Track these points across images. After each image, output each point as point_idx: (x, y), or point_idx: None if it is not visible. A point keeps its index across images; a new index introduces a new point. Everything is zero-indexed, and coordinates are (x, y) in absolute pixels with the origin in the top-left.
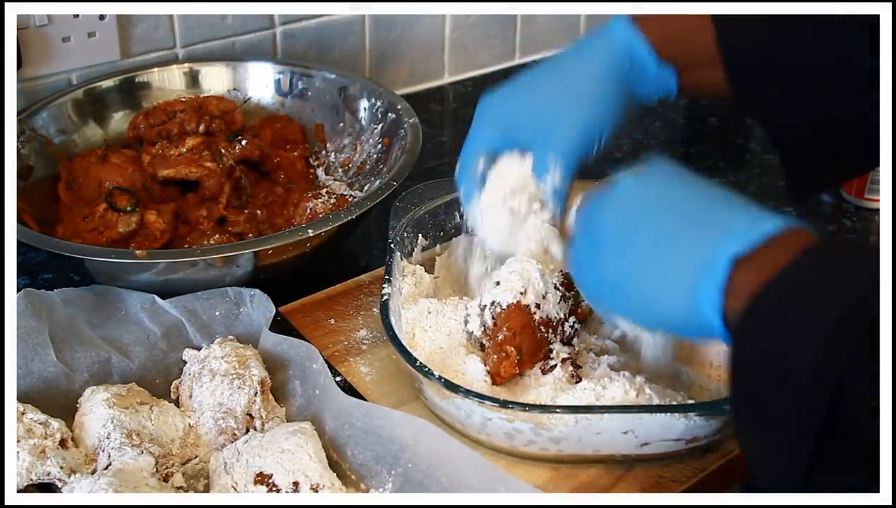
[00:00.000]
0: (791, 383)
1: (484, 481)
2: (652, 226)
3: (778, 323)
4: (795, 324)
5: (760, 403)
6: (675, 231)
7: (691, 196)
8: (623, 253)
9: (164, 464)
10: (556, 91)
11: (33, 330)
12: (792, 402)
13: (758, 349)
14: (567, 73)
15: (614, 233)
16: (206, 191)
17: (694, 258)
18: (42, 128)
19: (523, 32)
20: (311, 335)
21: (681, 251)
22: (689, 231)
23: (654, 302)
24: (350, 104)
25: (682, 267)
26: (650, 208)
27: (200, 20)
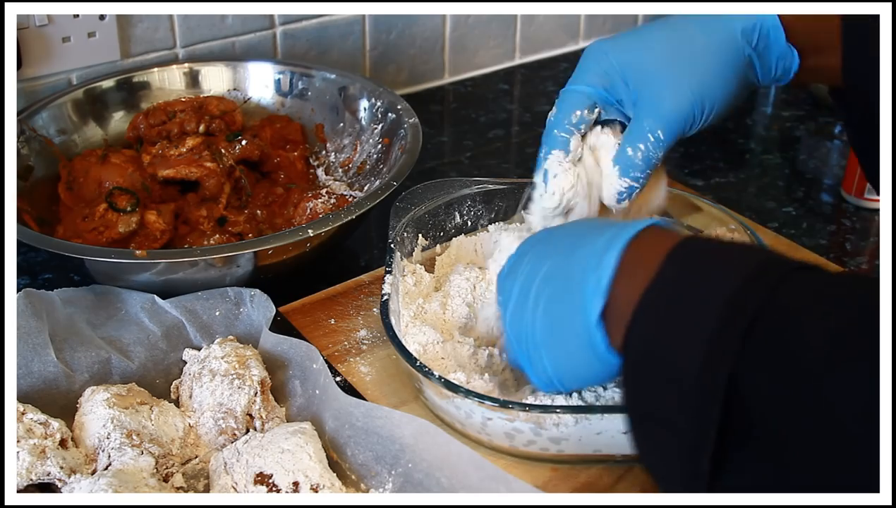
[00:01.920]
0: (681, 390)
1: (484, 481)
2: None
3: (656, 336)
4: (673, 334)
5: (654, 416)
6: (549, 315)
7: (555, 255)
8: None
9: (164, 464)
10: (675, 53)
11: (33, 330)
12: (685, 410)
13: (644, 363)
14: (688, 35)
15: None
16: (206, 191)
17: (578, 328)
18: (42, 128)
19: (523, 32)
20: (311, 335)
21: (560, 326)
22: (560, 307)
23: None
24: (350, 104)
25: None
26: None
27: (200, 20)
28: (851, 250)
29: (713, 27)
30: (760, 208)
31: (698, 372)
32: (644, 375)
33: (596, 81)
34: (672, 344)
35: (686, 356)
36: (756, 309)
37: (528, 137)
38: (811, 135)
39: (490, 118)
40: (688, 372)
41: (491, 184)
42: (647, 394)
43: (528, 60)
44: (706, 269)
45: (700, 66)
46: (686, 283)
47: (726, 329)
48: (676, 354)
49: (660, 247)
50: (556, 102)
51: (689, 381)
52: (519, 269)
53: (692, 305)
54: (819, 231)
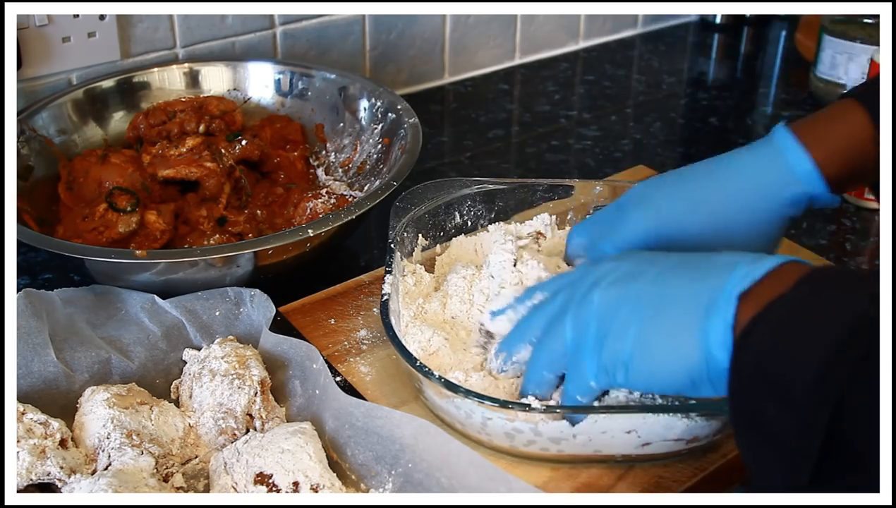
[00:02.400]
0: (791, 402)
1: (484, 481)
2: (646, 291)
3: (777, 342)
4: (795, 343)
5: (761, 422)
6: (671, 290)
7: (677, 258)
8: (623, 330)
9: (164, 464)
10: (714, 210)
11: (33, 330)
12: (792, 421)
13: (757, 368)
14: (731, 206)
15: (609, 314)
16: (206, 191)
17: (699, 304)
18: (42, 128)
19: (523, 32)
20: (311, 335)
21: (684, 303)
22: (690, 285)
23: (663, 364)
24: (350, 104)
25: (687, 319)
26: (638, 276)
27: (200, 20)
28: (851, 250)
29: (757, 204)
30: None
31: (813, 383)
32: (754, 379)
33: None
34: (789, 352)
35: (802, 366)
36: (874, 335)
37: (528, 137)
38: None
39: (490, 118)
40: (801, 382)
41: (491, 184)
42: (755, 400)
43: (528, 60)
44: (835, 290)
45: (743, 235)
46: (813, 301)
47: (845, 346)
48: (792, 363)
49: (794, 272)
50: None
51: (802, 391)
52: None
53: (816, 319)
54: (819, 231)
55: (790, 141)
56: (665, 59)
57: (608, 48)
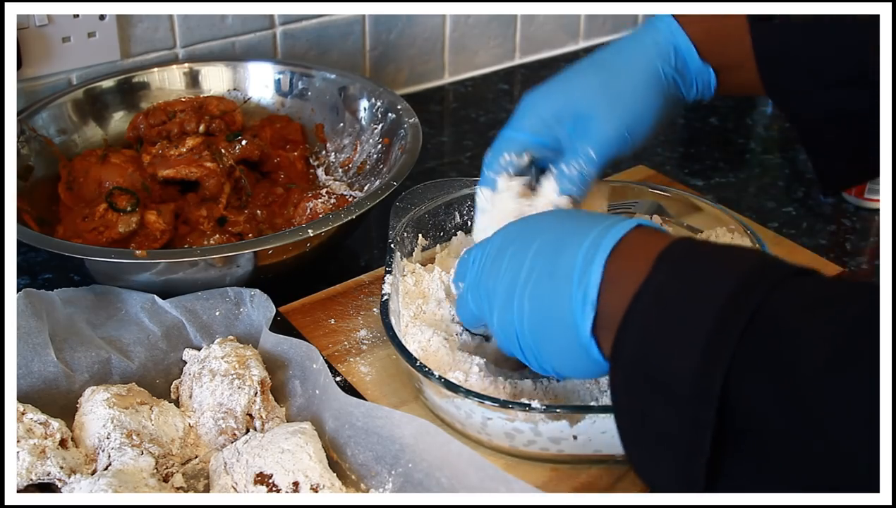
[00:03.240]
0: (675, 399)
1: (484, 481)
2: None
3: (650, 342)
4: (667, 340)
5: (648, 422)
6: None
7: (536, 256)
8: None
9: (164, 464)
10: (597, 88)
11: (33, 330)
12: (679, 418)
13: (635, 370)
14: (609, 69)
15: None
16: (206, 191)
17: (564, 312)
18: (42, 128)
19: (523, 32)
20: (311, 335)
21: (551, 324)
22: (550, 305)
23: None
24: (350, 104)
25: (552, 318)
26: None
27: (200, 20)
28: (851, 250)
29: (631, 55)
30: (760, 208)
31: (692, 378)
32: (634, 381)
33: (528, 126)
34: (664, 349)
35: (679, 361)
36: (751, 313)
37: None
38: None
39: (490, 118)
40: (681, 378)
41: None
42: (639, 401)
43: (528, 60)
44: (698, 272)
45: (624, 94)
46: (677, 287)
47: (720, 333)
48: (669, 359)
49: (648, 249)
50: (492, 144)
51: (683, 387)
52: (500, 267)
53: (684, 309)
54: (819, 231)
55: (664, 16)
56: None
57: None
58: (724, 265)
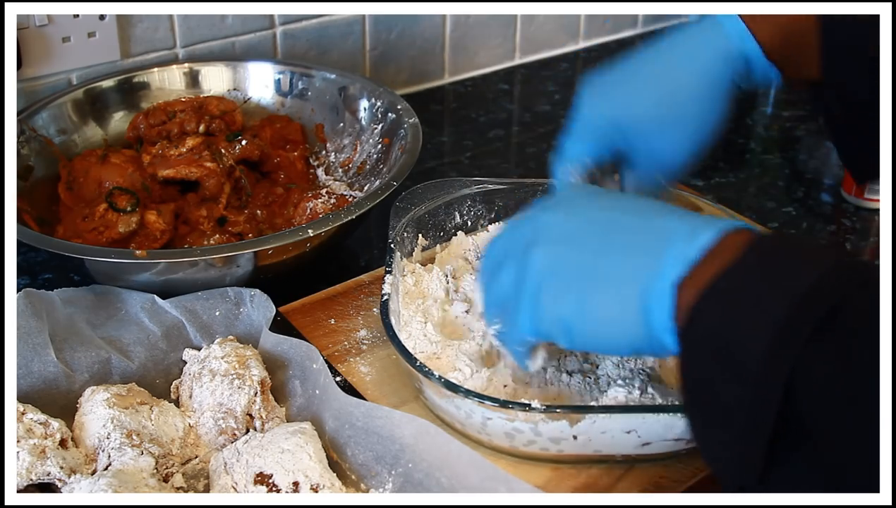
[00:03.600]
0: (743, 377)
1: (484, 481)
2: (587, 261)
3: (725, 317)
4: (743, 317)
5: (712, 400)
6: (611, 264)
7: (619, 219)
8: (563, 293)
9: (164, 464)
10: (666, 98)
11: (33, 330)
12: (744, 395)
13: (706, 345)
14: (677, 76)
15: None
16: (206, 191)
17: (638, 288)
18: (42, 128)
19: (523, 32)
20: (311, 335)
21: (622, 283)
22: (627, 261)
23: (605, 336)
24: (350, 104)
25: (627, 299)
26: (580, 241)
27: (200, 20)
28: (851, 250)
29: (700, 65)
30: (760, 208)
31: (763, 357)
32: (705, 355)
33: (589, 139)
34: (740, 326)
35: (752, 339)
36: (831, 306)
37: (528, 137)
38: (811, 135)
39: (490, 118)
40: (752, 355)
41: (491, 184)
42: (708, 374)
43: (528, 60)
44: (785, 262)
45: (693, 111)
46: (762, 271)
47: (797, 319)
48: (743, 336)
49: (744, 239)
50: (556, 158)
51: (753, 364)
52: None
53: (765, 292)
54: (819, 231)
55: (730, 16)
56: None
57: (608, 48)
58: (811, 257)
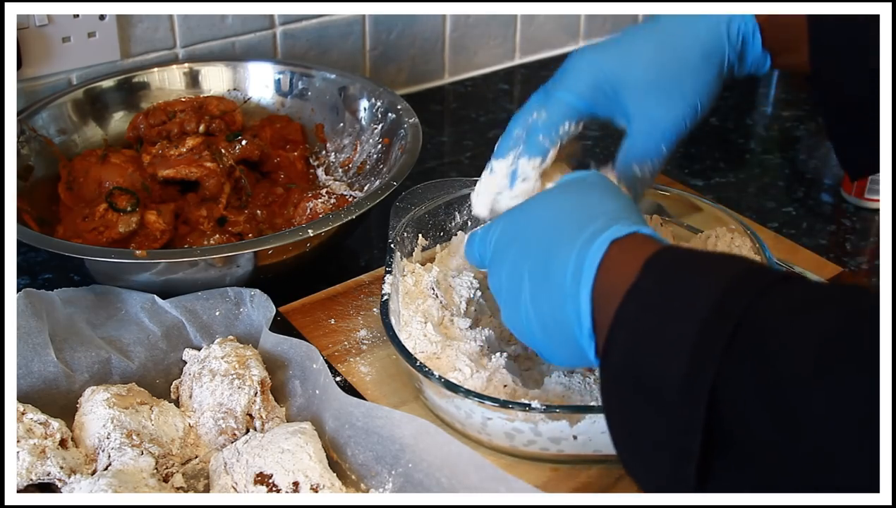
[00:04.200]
0: (662, 404)
1: (484, 481)
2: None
3: (638, 345)
4: (653, 346)
5: (637, 426)
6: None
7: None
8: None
9: (164, 464)
10: (662, 65)
11: (33, 330)
12: (666, 422)
13: (625, 373)
14: (677, 43)
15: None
16: (206, 191)
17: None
18: (42, 128)
19: (523, 32)
20: (311, 335)
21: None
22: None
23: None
24: (350, 104)
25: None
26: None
27: (200, 20)
28: (851, 250)
29: (700, 30)
30: (760, 208)
31: (680, 383)
32: (624, 385)
33: (586, 93)
34: (652, 353)
35: (667, 366)
36: (737, 319)
37: None
38: (811, 135)
39: (490, 118)
40: (669, 383)
41: None
42: (628, 404)
43: (528, 60)
44: (685, 279)
45: (690, 74)
46: (664, 293)
47: (707, 339)
48: (657, 364)
49: (636, 255)
50: (544, 104)
51: (671, 392)
52: (505, 259)
53: (671, 314)
54: (819, 231)
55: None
56: None
57: None
58: (710, 271)
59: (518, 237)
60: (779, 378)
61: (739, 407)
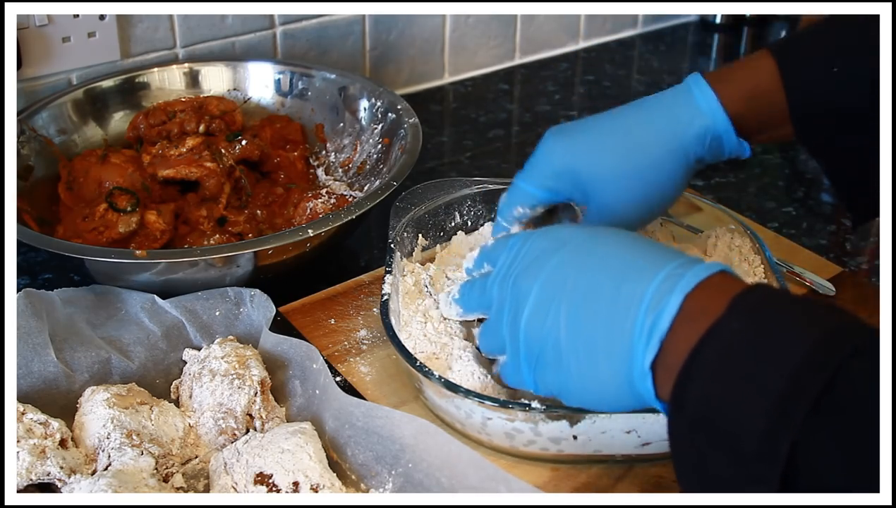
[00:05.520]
0: (738, 454)
1: (484, 481)
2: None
3: (714, 390)
4: (735, 393)
5: (706, 475)
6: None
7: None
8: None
9: (164, 464)
10: (625, 164)
11: (33, 330)
12: (741, 473)
13: (696, 419)
14: (641, 144)
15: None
16: (206, 191)
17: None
18: (42, 128)
19: (523, 32)
20: (311, 335)
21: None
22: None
23: (604, 405)
24: (350, 104)
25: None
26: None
27: (200, 20)
28: (851, 250)
29: (665, 136)
30: (760, 208)
31: (760, 437)
32: (697, 430)
33: (546, 183)
34: (733, 402)
35: (748, 418)
36: (829, 377)
37: (528, 137)
38: None
39: (490, 118)
40: (749, 435)
41: (491, 184)
42: (701, 450)
43: (528, 60)
44: (776, 325)
45: (651, 177)
46: (751, 338)
47: (794, 395)
48: (738, 414)
49: (724, 292)
50: (507, 193)
51: (750, 444)
52: (543, 267)
53: (758, 363)
54: (819, 231)
55: (698, 81)
56: (665, 59)
57: (608, 48)
58: (803, 320)
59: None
60: (864, 444)
61: (819, 468)
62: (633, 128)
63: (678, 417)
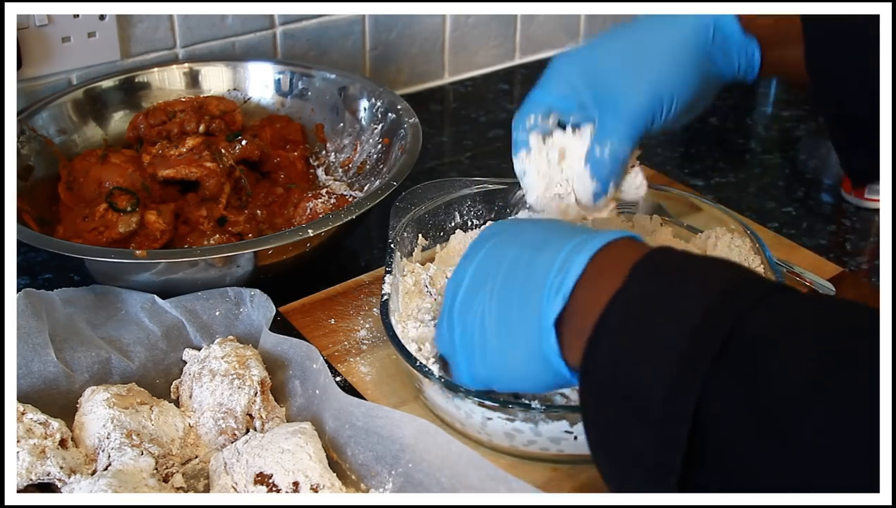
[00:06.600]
0: (645, 417)
1: (484, 481)
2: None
3: (618, 357)
4: (637, 357)
5: (618, 441)
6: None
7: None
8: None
9: (164, 464)
10: (631, 54)
11: (33, 330)
12: (650, 435)
13: (604, 386)
14: (645, 37)
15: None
16: (206, 191)
17: (524, 326)
18: (42, 128)
19: (523, 32)
20: (311, 335)
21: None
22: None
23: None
24: (350, 104)
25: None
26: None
27: (200, 20)
28: (851, 250)
29: (666, 26)
30: (760, 208)
31: (664, 398)
32: (605, 396)
33: (555, 90)
34: (636, 366)
35: (651, 380)
36: (727, 332)
37: None
38: (811, 135)
39: (490, 118)
40: (653, 398)
41: (491, 184)
42: (610, 416)
43: (528, 60)
44: (672, 287)
45: (655, 62)
46: (650, 301)
47: (694, 353)
48: (641, 378)
49: (627, 258)
50: (520, 107)
51: (655, 407)
52: (477, 253)
53: (657, 326)
54: (819, 231)
55: None
56: None
57: None
58: (699, 280)
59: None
60: (767, 395)
61: (725, 423)
62: (637, 29)
63: (587, 383)
